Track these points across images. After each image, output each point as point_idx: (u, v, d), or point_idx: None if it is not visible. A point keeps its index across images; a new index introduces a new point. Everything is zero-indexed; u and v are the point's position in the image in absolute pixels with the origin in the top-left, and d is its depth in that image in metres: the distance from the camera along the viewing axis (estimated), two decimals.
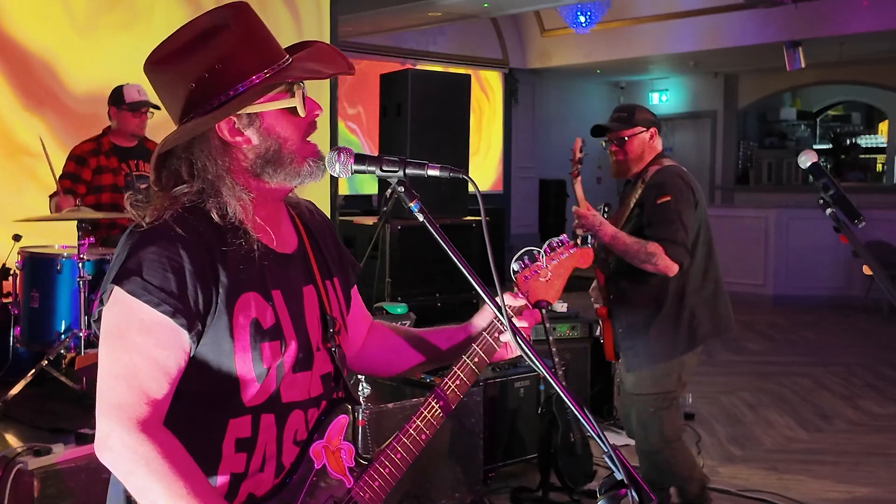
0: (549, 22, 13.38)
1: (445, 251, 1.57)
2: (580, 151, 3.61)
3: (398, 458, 1.68)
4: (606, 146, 3.69)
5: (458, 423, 4.12)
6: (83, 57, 5.98)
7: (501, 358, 1.80)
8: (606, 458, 1.49)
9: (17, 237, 4.39)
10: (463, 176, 1.59)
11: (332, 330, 1.68)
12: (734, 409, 6.17)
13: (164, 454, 1.44)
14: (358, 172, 1.61)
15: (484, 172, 13.62)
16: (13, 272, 4.28)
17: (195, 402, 1.52)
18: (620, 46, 12.84)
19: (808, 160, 2.52)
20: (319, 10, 7.15)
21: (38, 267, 4.12)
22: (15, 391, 3.84)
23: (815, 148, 13.32)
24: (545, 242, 1.82)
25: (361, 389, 3.86)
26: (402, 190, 1.59)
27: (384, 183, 7.21)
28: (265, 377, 1.55)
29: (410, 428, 1.69)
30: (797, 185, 14.43)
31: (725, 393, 6.56)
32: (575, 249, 1.84)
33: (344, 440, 1.67)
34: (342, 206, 7.95)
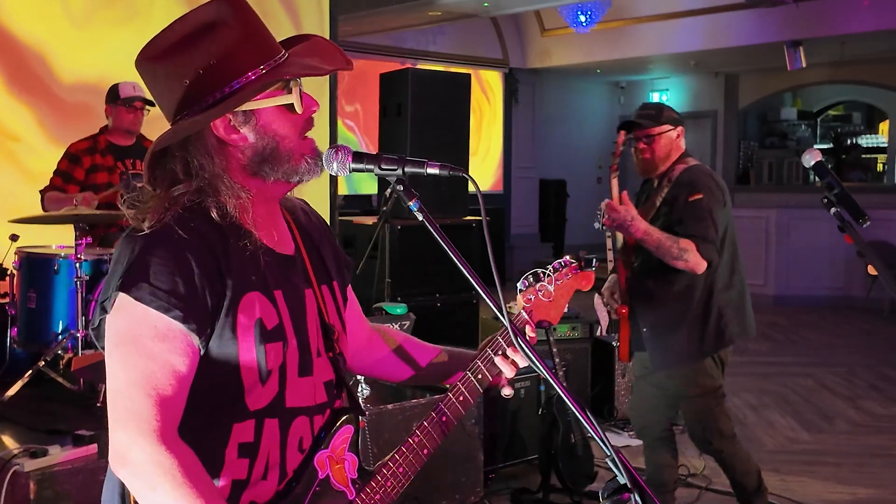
0: (549, 21, 13.35)
1: (445, 251, 1.55)
2: (622, 145, 3.61)
3: (400, 471, 1.67)
4: (632, 143, 3.64)
5: (458, 424, 4.09)
6: (76, 49, 5.94)
7: (501, 379, 1.79)
8: (609, 461, 1.47)
9: (14, 237, 4.37)
10: (463, 174, 1.57)
11: (332, 337, 1.65)
12: (736, 409, 6.14)
13: (187, 468, 1.39)
14: (356, 171, 1.58)
15: (484, 172, 13.58)
16: (10, 272, 4.26)
17: (199, 405, 1.49)
18: (621, 46, 12.81)
19: (812, 159, 2.49)
20: (320, 9, 7.13)
21: (35, 267, 4.10)
22: (12, 392, 3.83)
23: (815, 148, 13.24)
24: (550, 265, 1.85)
25: (361, 391, 3.84)
26: (401, 188, 1.57)
27: (384, 182, 7.21)
28: (268, 379, 1.52)
29: (413, 441, 1.68)
30: (798, 185, 14.41)
31: (727, 393, 6.51)
32: (578, 272, 1.87)
33: (348, 451, 1.65)
34: (342, 205, 7.91)
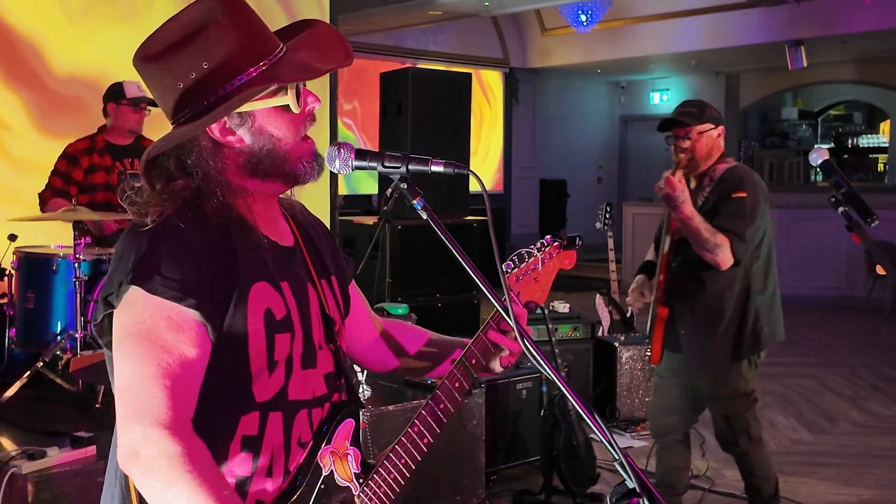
0: (549, 21, 13.34)
1: (446, 251, 1.53)
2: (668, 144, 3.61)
3: (402, 462, 1.64)
4: (672, 141, 3.58)
5: (459, 425, 4.08)
6: (72, 42, 5.90)
7: (501, 364, 1.76)
8: (618, 465, 1.44)
9: (12, 237, 4.35)
10: (467, 171, 1.55)
11: (333, 329, 1.64)
12: None
13: (202, 463, 1.36)
14: (359, 169, 1.56)
15: (484, 173, 13.57)
16: (8, 272, 4.23)
17: (206, 396, 1.46)
18: (621, 45, 12.80)
19: (819, 157, 2.47)
20: (320, 8, 7.11)
21: (33, 267, 4.08)
22: (10, 393, 3.81)
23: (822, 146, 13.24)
24: (533, 245, 1.85)
25: (362, 391, 3.81)
26: (404, 187, 1.54)
27: (384, 182, 7.19)
28: (275, 370, 1.51)
29: (412, 431, 1.65)
30: (799, 184, 14.40)
31: None
32: (561, 251, 1.87)
33: (350, 445, 1.63)
34: (341, 205, 7.89)
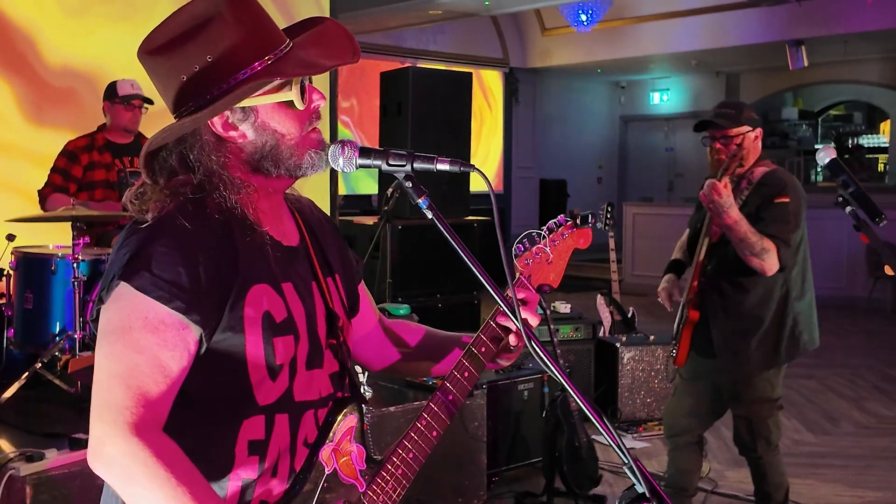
0: (549, 21, 13.32)
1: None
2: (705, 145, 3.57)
3: (410, 457, 1.60)
4: (708, 143, 3.52)
5: (461, 426, 4.06)
6: (67, 34, 5.86)
7: (510, 355, 1.72)
8: (627, 469, 1.41)
9: (10, 237, 4.32)
10: (473, 169, 1.53)
11: (337, 327, 1.61)
12: None
13: (164, 460, 1.34)
14: (363, 167, 1.52)
15: (484, 173, 13.56)
16: (7, 273, 4.21)
17: (206, 401, 1.45)
18: (621, 45, 12.78)
19: (826, 156, 2.45)
20: (320, 8, 7.09)
21: (32, 267, 4.06)
22: (8, 394, 3.79)
23: (816, 148, 13.26)
24: (545, 226, 1.77)
25: (363, 392, 3.79)
26: (409, 185, 1.51)
27: (384, 182, 7.16)
28: (279, 374, 1.48)
29: (420, 424, 1.61)
30: None
31: None
32: (574, 229, 1.78)
33: (353, 442, 1.60)
34: (341, 205, 7.87)
